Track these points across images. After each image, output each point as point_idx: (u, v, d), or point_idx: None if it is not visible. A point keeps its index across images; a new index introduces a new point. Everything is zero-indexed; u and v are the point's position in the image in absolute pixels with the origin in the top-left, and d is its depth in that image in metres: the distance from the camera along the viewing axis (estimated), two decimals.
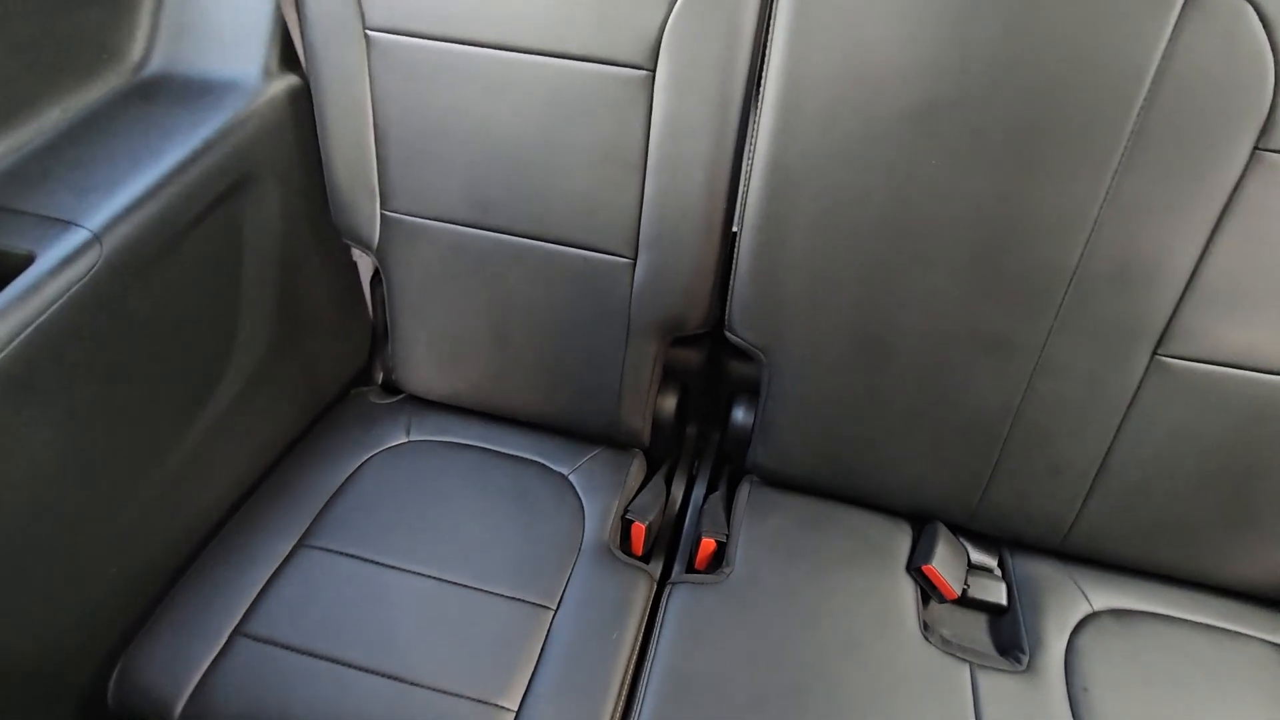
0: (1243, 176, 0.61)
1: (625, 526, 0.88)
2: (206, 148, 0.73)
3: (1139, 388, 0.72)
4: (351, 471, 0.89)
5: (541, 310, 0.86)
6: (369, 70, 0.77)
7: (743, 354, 0.84)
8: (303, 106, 0.82)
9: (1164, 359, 0.70)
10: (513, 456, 0.92)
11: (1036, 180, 0.66)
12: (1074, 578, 0.84)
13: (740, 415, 0.94)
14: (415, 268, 0.88)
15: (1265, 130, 0.59)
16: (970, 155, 0.66)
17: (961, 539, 0.88)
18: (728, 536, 0.87)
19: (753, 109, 0.71)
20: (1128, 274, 0.67)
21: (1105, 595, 0.82)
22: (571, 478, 0.91)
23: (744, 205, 0.75)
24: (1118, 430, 0.75)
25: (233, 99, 0.77)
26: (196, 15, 0.79)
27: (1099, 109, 0.62)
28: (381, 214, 0.86)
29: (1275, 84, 0.58)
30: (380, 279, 0.92)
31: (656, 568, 0.86)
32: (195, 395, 0.78)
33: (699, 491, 0.98)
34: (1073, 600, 0.82)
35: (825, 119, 0.68)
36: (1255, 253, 0.63)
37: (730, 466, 1.00)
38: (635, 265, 0.81)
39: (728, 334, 0.83)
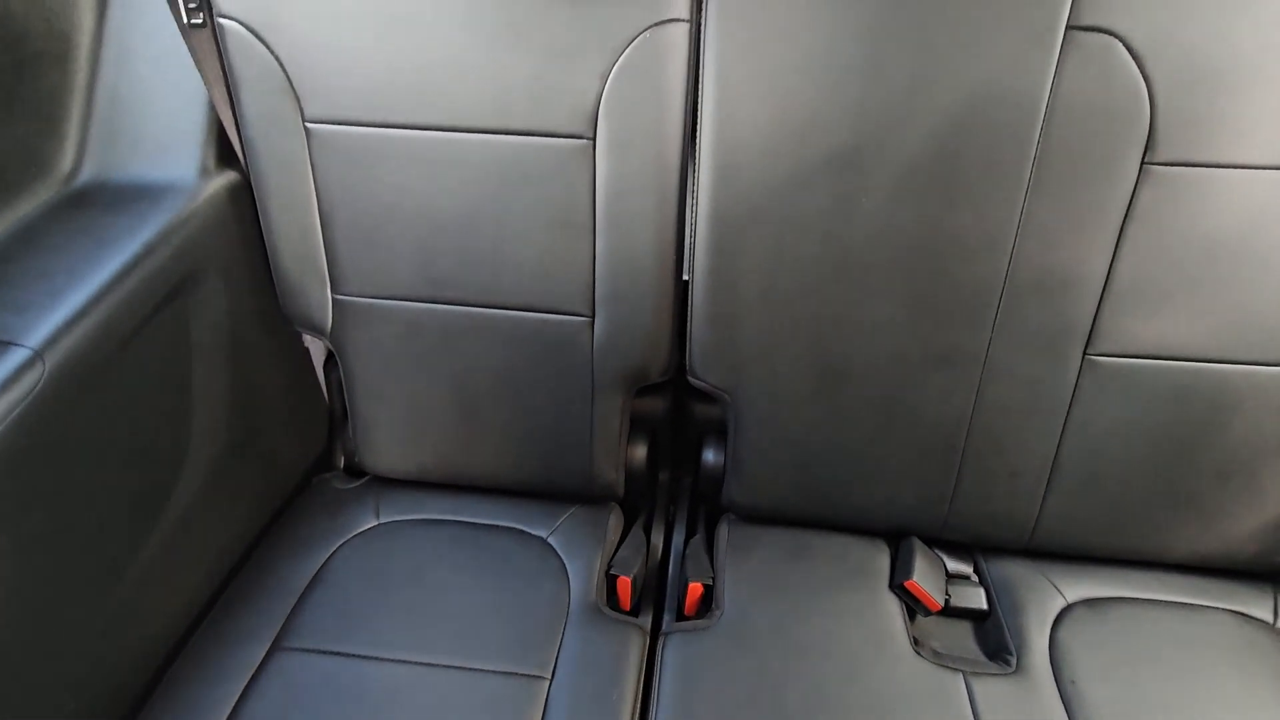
0: (1135, 189, 0.68)
1: (610, 582, 0.87)
2: (147, 252, 0.71)
3: (1076, 387, 0.77)
4: (322, 563, 0.86)
5: (506, 376, 0.87)
6: (310, 161, 0.78)
7: (708, 396, 0.86)
8: (244, 201, 0.82)
9: (1094, 358, 0.76)
10: (488, 526, 0.91)
11: (959, 208, 0.71)
12: (1046, 573, 0.87)
13: (711, 456, 0.96)
14: (371, 348, 0.87)
15: (1149, 146, 0.66)
16: (897, 190, 0.71)
17: (937, 550, 0.91)
18: (713, 578, 0.87)
19: (691, 165, 0.75)
20: (1050, 284, 0.73)
21: (1077, 587, 0.86)
22: (551, 539, 0.90)
23: (693, 255, 0.78)
24: (1063, 429, 0.80)
25: (171, 201, 0.76)
26: (128, 121, 0.79)
27: (1003, 141, 0.68)
28: (333, 298, 0.85)
29: (1151, 105, 0.65)
30: (335, 362, 0.91)
31: (646, 620, 0.86)
32: (151, 504, 0.75)
33: (679, 537, 0.99)
34: (1048, 596, 0.85)
35: (759, 168, 0.72)
36: (1154, 255, 0.70)
37: (706, 507, 1.01)
38: (594, 322, 0.82)
39: (691, 379, 0.85)
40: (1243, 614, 0.83)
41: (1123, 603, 0.84)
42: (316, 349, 0.98)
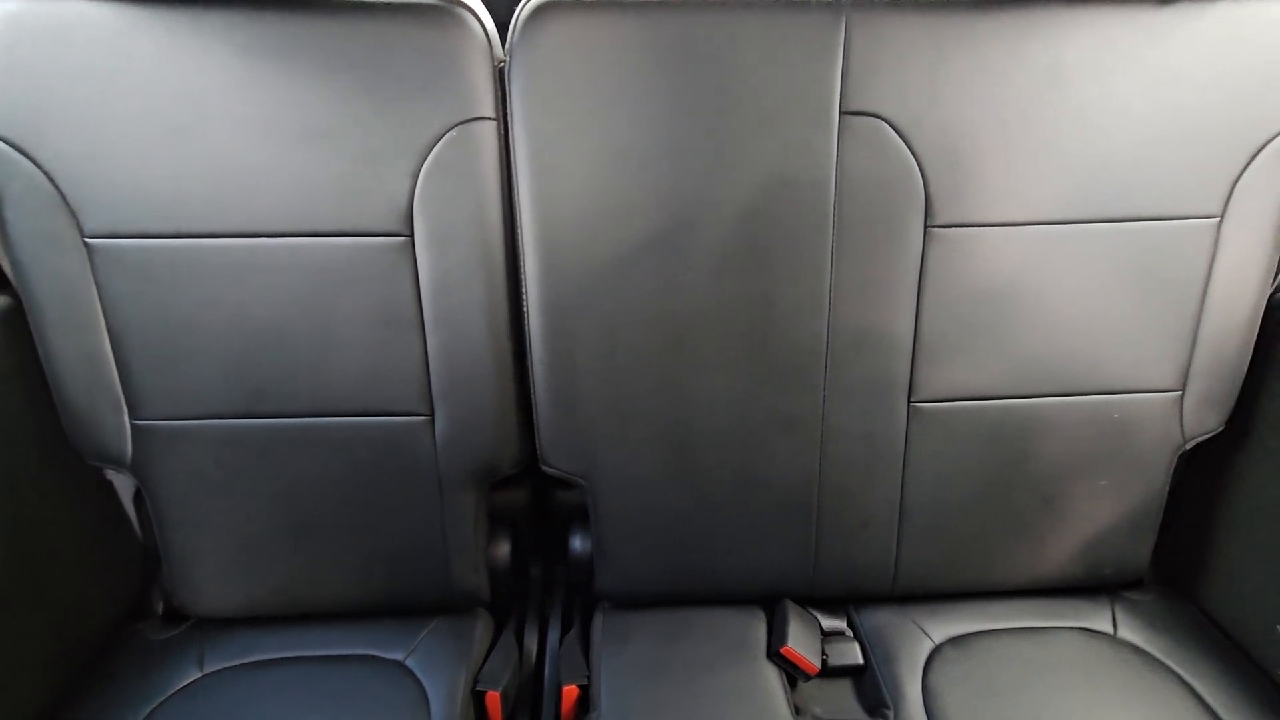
0: (924, 251, 0.74)
1: (478, 700, 0.80)
2: None
3: (907, 435, 0.81)
4: None
5: (342, 488, 0.80)
6: (94, 279, 0.71)
7: (567, 483, 0.84)
8: (18, 326, 0.73)
9: (918, 405, 0.81)
10: (335, 658, 0.82)
11: (777, 277, 0.75)
12: (913, 618, 0.89)
13: (578, 544, 0.92)
14: (184, 474, 0.78)
15: (928, 212, 0.73)
16: (716, 266, 0.74)
17: (811, 609, 0.91)
18: (589, 677, 0.82)
19: (520, 253, 0.75)
20: (868, 342, 0.78)
21: (941, 627, 0.88)
22: (408, 662, 0.82)
23: (530, 343, 0.76)
24: (903, 475, 0.83)
25: None
26: None
27: (804, 215, 0.72)
28: (131, 424, 0.76)
29: (922, 175, 0.72)
30: (143, 495, 0.81)
31: None
32: None
33: (554, 636, 0.93)
34: (916, 641, 0.87)
35: (583, 254, 0.73)
36: (947, 309, 0.76)
37: (581, 599, 0.97)
38: (434, 420, 0.78)
39: (544, 467, 0.82)
40: (1087, 629, 0.88)
41: (984, 636, 0.87)
42: (123, 481, 0.87)
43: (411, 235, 0.72)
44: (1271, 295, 0.80)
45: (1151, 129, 0.71)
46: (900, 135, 0.70)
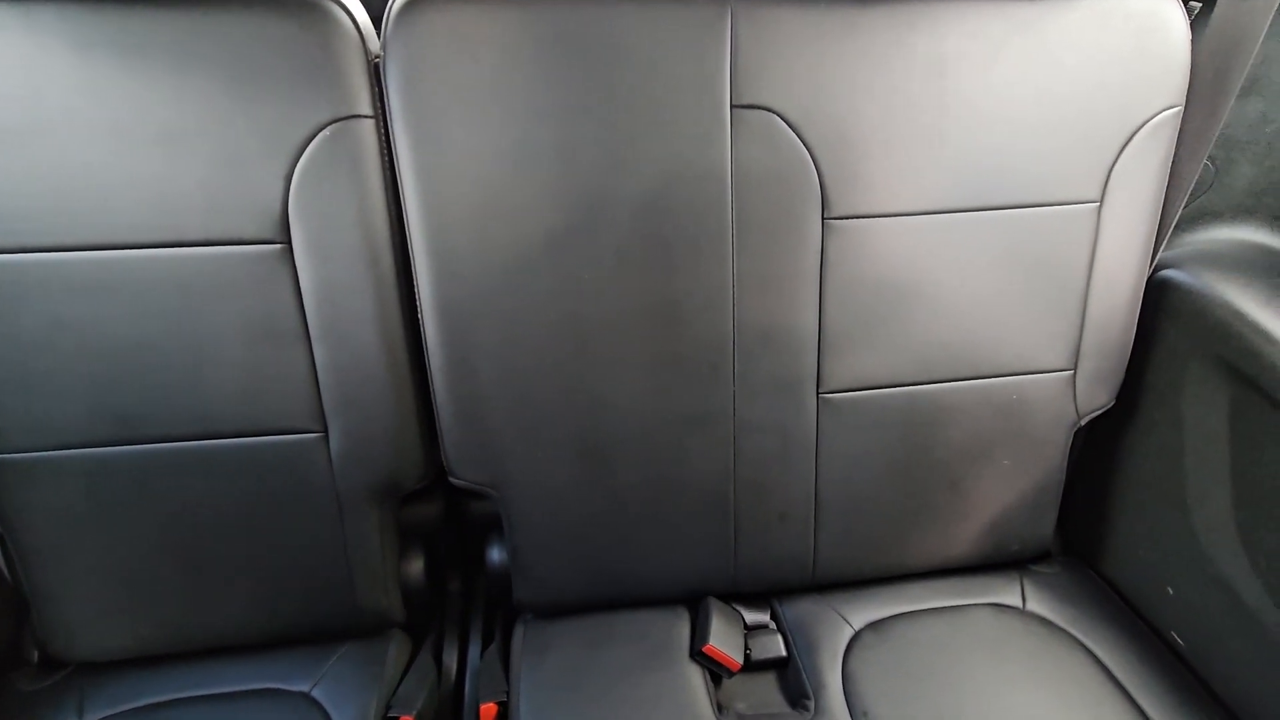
0: (823, 243, 0.74)
1: None
2: None
3: (818, 426, 0.82)
4: None
5: (230, 514, 0.75)
6: None
7: (480, 494, 0.81)
8: None
9: (827, 396, 0.81)
10: (234, 694, 0.77)
11: (679, 275, 0.73)
12: (834, 605, 0.90)
13: (495, 556, 0.89)
14: (49, 510, 0.72)
15: (824, 204, 0.73)
16: (619, 265, 0.72)
17: (735, 604, 0.91)
18: (508, 692, 0.80)
19: (411, 258, 0.71)
20: (775, 336, 0.77)
21: (860, 613, 0.89)
22: (314, 692, 0.78)
23: (427, 351, 0.73)
24: (816, 467, 0.84)
25: None
26: None
27: (703, 210, 0.71)
28: None
29: (816, 168, 0.72)
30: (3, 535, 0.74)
31: None
32: None
33: (476, 651, 0.90)
34: (837, 628, 0.87)
35: (478, 256, 0.70)
36: (849, 300, 0.76)
37: (502, 612, 0.94)
38: (328, 437, 0.74)
39: (451, 479, 0.79)
40: (998, 605, 0.90)
41: (900, 619, 0.89)
42: None
43: (289, 242, 0.67)
44: (1150, 275, 0.83)
45: (1031, 118, 0.72)
46: (792, 128, 0.70)
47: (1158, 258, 0.83)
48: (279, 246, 0.67)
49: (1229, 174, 0.83)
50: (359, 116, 0.65)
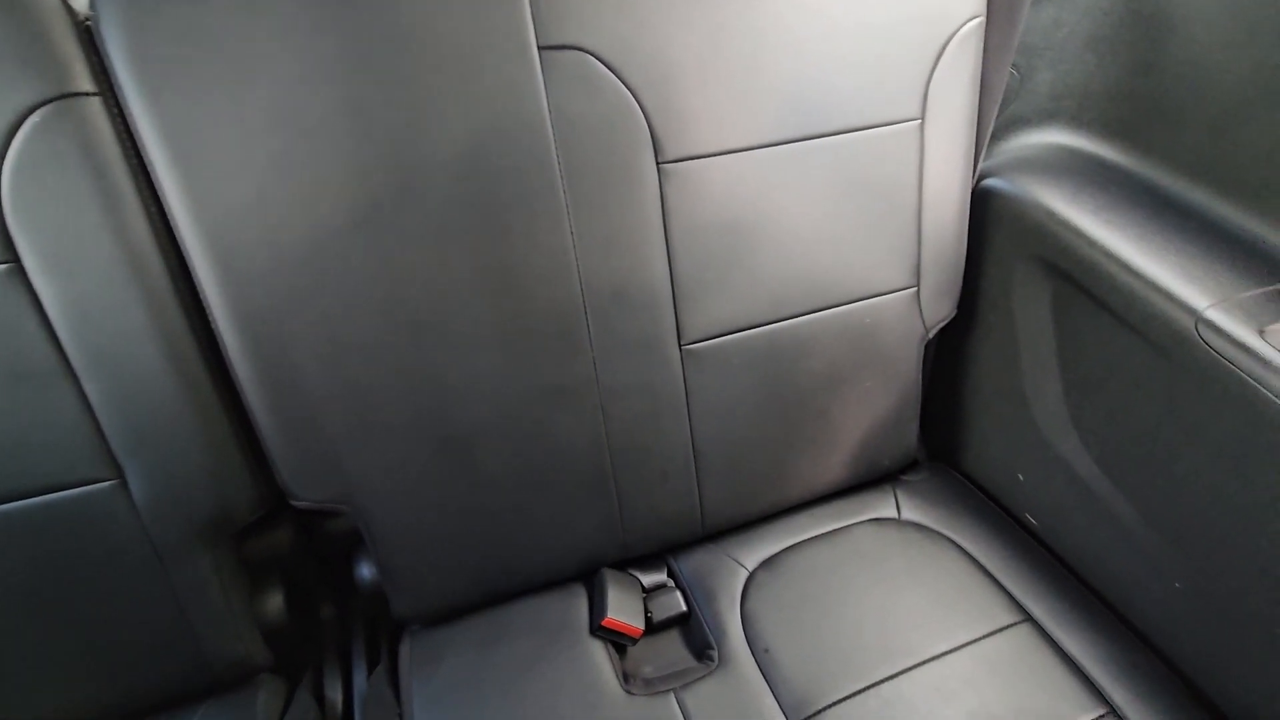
0: (662, 190, 0.70)
1: None
2: None
3: (685, 379, 0.80)
4: None
5: (25, 588, 0.63)
6: None
7: (332, 511, 0.73)
8: None
9: (690, 348, 0.79)
10: None
11: (511, 240, 0.67)
12: (726, 552, 0.91)
13: (365, 572, 0.82)
14: None
15: (656, 148, 0.69)
16: (440, 237, 0.65)
17: (631, 570, 0.89)
18: (400, 713, 0.74)
19: (187, 260, 0.60)
20: (627, 294, 0.73)
21: (752, 554, 0.90)
22: None
23: (232, 364, 0.63)
24: (690, 420, 0.82)
25: None
26: None
27: (526, 165, 0.65)
28: None
29: (643, 110, 0.67)
30: None
31: None
32: None
33: (362, 676, 0.83)
34: (732, 573, 0.88)
35: (271, 247, 0.60)
36: (697, 246, 0.74)
37: (386, 629, 0.87)
38: (126, 483, 0.63)
39: (294, 502, 0.70)
40: (876, 519, 0.95)
41: (790, 552, 0.90)
42: None
43: (16, 260, 0.55)
44: (975, 186, 0.87)
45: (848, 42, 0.71)
46: (610, 68, 0.65)
47: (979, 168, 0.87)
48: (4, 267, 0.54)
49: (1031, 80, 0.87)
50: (76, 94, 0.53)
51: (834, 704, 0.73)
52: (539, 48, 0.62)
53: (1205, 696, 0.73)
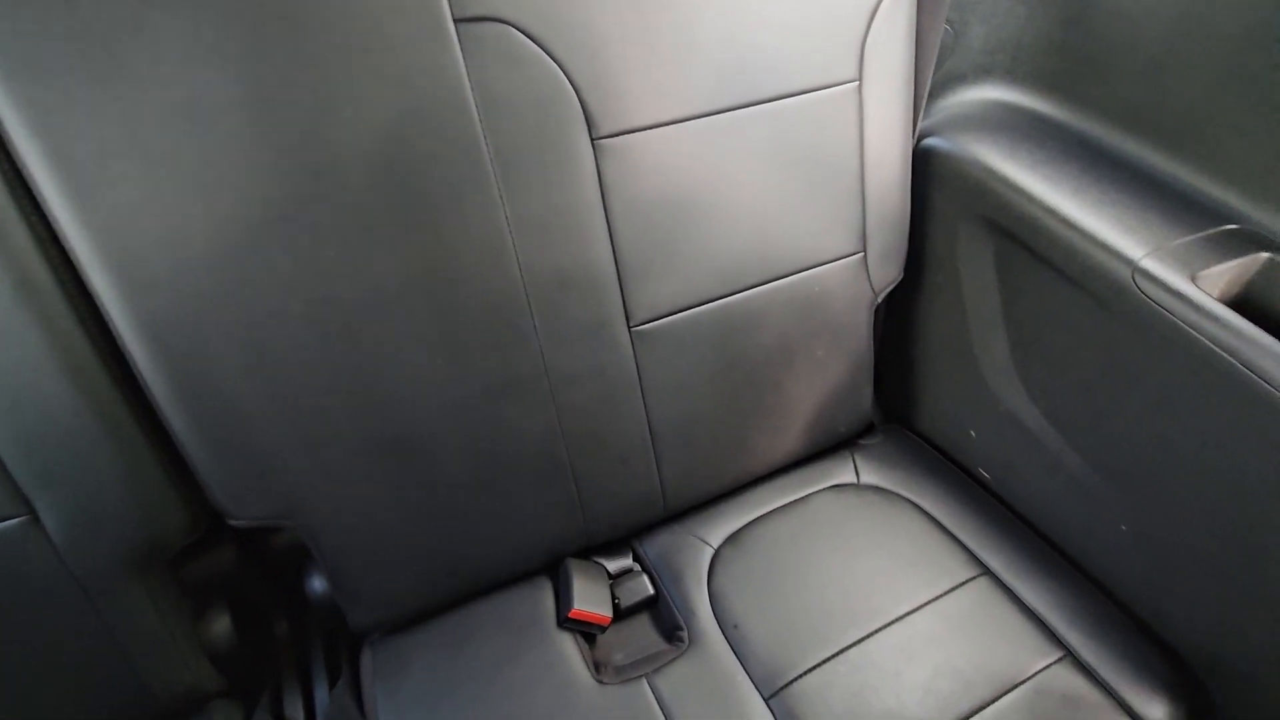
0: (599, 167, 0.67)
1: None
2: None
3: (637, 361, 0.78)
4: None
5: None
6: None
7: (274, 527, 0.69)
8: None
9: (639, 329, 0.77)
10: None
11: (444, 229, 0.64)
12: (690, 531, 0.90)
13: (317, 585, 0.78)
14: None
15: (589, 123, 0.66)
16: (365, 230, 0.61)
17: (596, 558, 0.88)
18: None
19: (81, 273, 0.55)
20: (571, 279, 0.71)
21: (717, 531, 0.90)
22: None
23: (145, 382, 0.58)
24: (644, 402, 0.80)
25: None
26: None
27: (450, 149, 0.61)
28: None
29: (573, 84, 0.64)
30: None
31: None
32: None
33: (324, 692, 0.80)
34: (697, 552, 0.87)
35: (173, 254, 0.55)
36: (640, 223, 0.71)
37: (345, 641, 0.84)
38: (38, 517, 0.58)
39: (231, 522, 0.66)
40: (836, 485, 0.95)
41: (753, 526, 0.90)
42: None
43: None
44: (915, 146, 0.86)
45: (780, 4, 0.69)
46: (534, 40, 0.61)
47: (919, 128, 0.86)
48: None
49: (965, 36, 0.86)
50: None
51: (803, 674, 0.73)
52: (455, 20, 0.58)
53: (1156, 634, 0.76)
